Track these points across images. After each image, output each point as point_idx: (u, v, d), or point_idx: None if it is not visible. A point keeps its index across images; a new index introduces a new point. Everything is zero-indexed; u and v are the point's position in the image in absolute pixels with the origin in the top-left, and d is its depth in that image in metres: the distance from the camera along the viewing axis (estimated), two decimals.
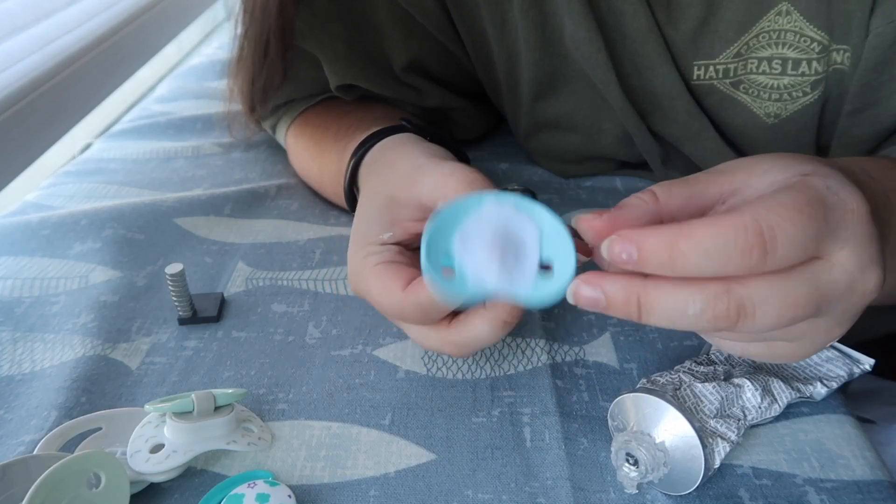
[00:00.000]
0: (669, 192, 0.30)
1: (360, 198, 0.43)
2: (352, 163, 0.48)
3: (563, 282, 0.29)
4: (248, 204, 0.59)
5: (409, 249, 0.39)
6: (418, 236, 0.36)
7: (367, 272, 0.37)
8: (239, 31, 0.56)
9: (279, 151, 0.68)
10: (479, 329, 0.35)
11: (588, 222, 0.29)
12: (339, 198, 0.51)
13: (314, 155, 0.56)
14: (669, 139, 0.55)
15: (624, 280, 0.27)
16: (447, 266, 0.31)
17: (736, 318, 0.26)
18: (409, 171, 0.39)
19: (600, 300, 0.28)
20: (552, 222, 0.30)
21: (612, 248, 0.27)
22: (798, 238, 0.26)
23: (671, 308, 0.27)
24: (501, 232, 0.30)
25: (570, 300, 0.29)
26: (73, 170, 0.66)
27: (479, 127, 0.67)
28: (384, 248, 0.38)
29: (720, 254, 0.26)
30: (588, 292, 0.28)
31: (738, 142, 0.53)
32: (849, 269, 0.27)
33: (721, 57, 0.49)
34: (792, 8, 0.46)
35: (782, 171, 0.29)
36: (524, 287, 0.30)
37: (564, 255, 0.30)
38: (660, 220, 0.30)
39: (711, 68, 0.50)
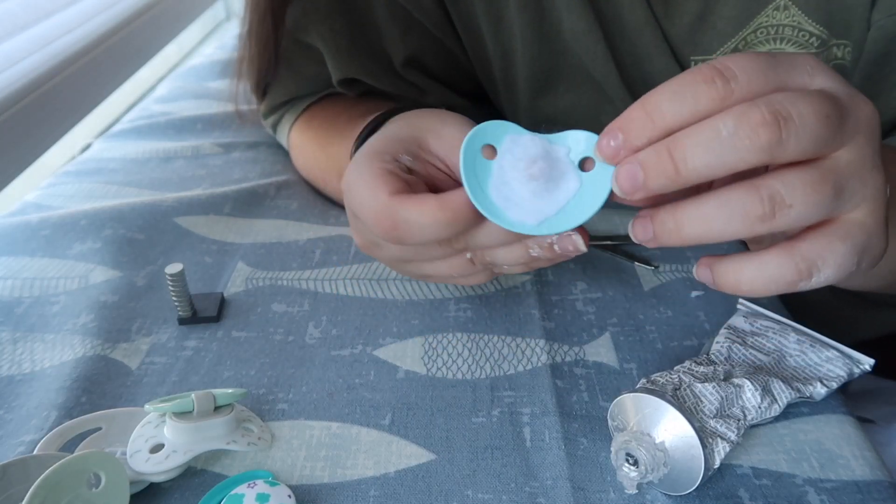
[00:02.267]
0: None
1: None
2: (369, 128, 0.46)
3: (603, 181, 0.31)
4: (248, 203, 0.59)
5: (421, 185, 0.37)
6: (433, 181, 0.36)
7: (367, 168, 0.35)
8: (244, 29, 0.57)
9: (279, 151, 0.68)
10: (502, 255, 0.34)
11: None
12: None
13: (323, 144, 0.56)
14: None
15: (651, 144, 0.28)
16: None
17: (778, 126, 0.26)
18: (450, 124, 0.37)
19: (636, 171, 0.28)
20: (601, 189, 0.31)
21: (600, 145, 0.29)
22: (750, 64, 0.27)
23: (704, 139, 0.27)
24: (550, 164, 0.32)
25: (615, 190, 0.30)
26: (73, 170, 0.66)
27: None
28: (395, 161, 0.36)
29: (680, 94, 0.27)
30: (624, 170, 0.28)
31: None
32: (835, 88, 0.28)
33: (719, 52, 0.49)
34: (790, 3, 0.46)
35: None
36: (528, 216, 0.32)
37: (579, 214, 0.31)
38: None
39: None
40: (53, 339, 0.45)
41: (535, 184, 0.31)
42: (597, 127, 0.35)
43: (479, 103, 0.63)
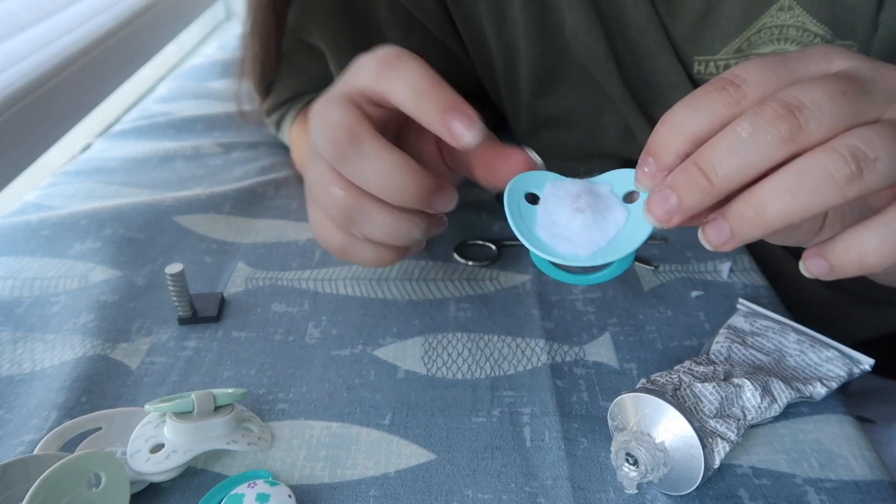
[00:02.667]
0: None
1: None
2: None
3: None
4: (248, 203, 0.59)
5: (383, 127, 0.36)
6: (424, 158, 0.36)
7: (341, 98, 0.34)
8: (246, 29, 0.57)
9: (279, 151, 0.68)
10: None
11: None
12: None
13: None
14: None
15: (679, 158, 0.28)
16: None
17: (792, 115, 0.26)
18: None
19: (668, 196, 0.28)
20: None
21: (638, 177, 0.30)
22: (757, 66, 0.28)
23: (727, 144, 0.26)
24: (595, 198, 0.33)
25: (649, 220, 0.30)
26: (73, 170, 0.66)
27: None
28: (370, 106, 0.35)
29: (696, 108, 0.28)
30: (654, 198, 0.29)
31: None
32: (853, 65, 0.28)
33: (722, 52, 0.49)
34: (794, 3, 0.46)
35: None
36: (579, 248, 0.32)
37: (630, 243, 0.32)
38: None
39: (712, 64, 0.50)
40: (53, 339, 0.45)
41: (583, 216, 0.32)
42: (597, 126, 0.35)
43: (480, 103, 0.63)
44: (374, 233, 0.36)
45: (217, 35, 1.33)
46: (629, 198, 0.32)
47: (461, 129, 0.32)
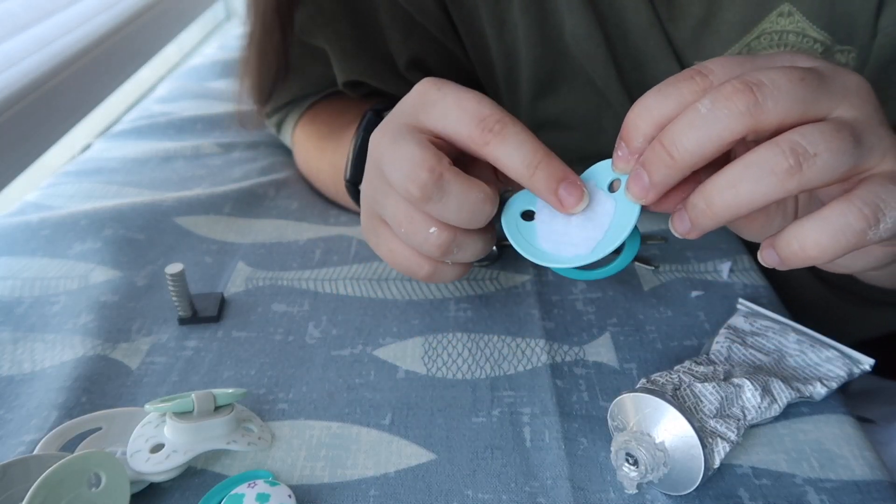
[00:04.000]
0: None
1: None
2: (364, 120, 0.46)
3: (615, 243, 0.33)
4: (248, 203, 0.59)
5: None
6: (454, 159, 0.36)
7: (411, 132, 0.34)
8: (246, 29, 0.57)
9: (279, 151, 0.68)
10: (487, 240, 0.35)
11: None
12: (340, 191, 0.51)
13: (323, 140, 0.56)
14: None
15: (648, 142, 0.30)
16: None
17: (750, 91, 0.27)
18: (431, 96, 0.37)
19: (640, 173, 0.30)
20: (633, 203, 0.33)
21: (614, 162, 0.32)
22: (723, 60, 0.29)
23: (687, 121, 0.28)
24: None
25: (628, 197, 0.32)
26: (73, 170, 0.66)
27: None
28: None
29: (663, 96, 0.29)
30: (633, 177, 0.30)
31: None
32: (813, 65, 0.29)
33: None
34: (794, 9, 0.46)
35: None
36: (580, 247, 0.34)
37: (622, 229, 0.33)
38: None
39: None
40: (54, 339, 0.45)
41: (577, 218, 0.34)
42: (597, 129, 0.36)
43: None
44: (467, 257, 0.37)
45: (217, 35, 1.33)
46: (613, 187, 0.34)
47: (572, 200, 0.33)
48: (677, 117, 0.29)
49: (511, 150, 0.33)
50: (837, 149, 0.27)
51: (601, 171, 0.34)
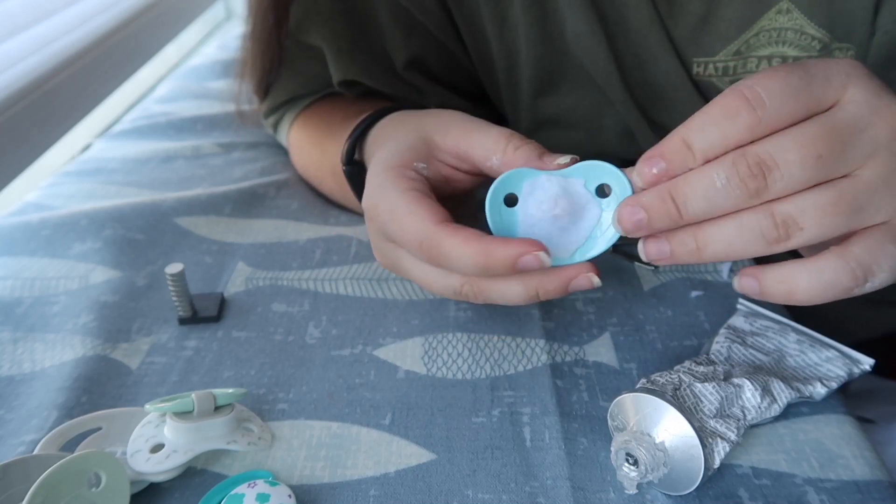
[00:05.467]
0: None
1: (387, 136, 0.42)
2: (362, 126, 0.46)
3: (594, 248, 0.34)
4: (248, 204, 0.59)
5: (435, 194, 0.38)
6: (447, 181, 0.37)
7: (399, 192, 0.36)
8: (247, 26, 0.57)
9: (279, 151, 0.68)
10: (512, 288, 0.35)
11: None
12: (339, 185, 0.51)
13: (318, 142, 0.56)
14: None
15: (653, 188, 0.31)
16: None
17: (763, 176, 0.29)
18: (453, 121, 0.39)
19: (640, 215, 0.31)
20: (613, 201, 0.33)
21: (642, 171, 0.31)
22: (780, 87, 0.29)
23: (702, 188, 0.29)
24: (570, 200, 0.34)
25: (616, 229, 0.32)
26: (73, 170, 0.66)
27: None
28: (417, 176, 0.37)
29: (713, 126, 0.29)
30: (627, 212, 0.31)
31: None
32: (859, 101, 0.29)
33: (721, 54, 0.49)
34: (793, 6, 0.46)
35: None
36: (560, 250, 0.34)
37: (605, 240, 0.34)
38: None
39: (711, 65, 0.50)
40: (54, 339, 0.45)
41: (561, 221, 0.34)
42: (597, 128, 0.36)
43: (479, 105, 0.63)
44: (500, 300, 0.37)
45: (217, 35, 1.33)
46: (601, 190, 0.34)
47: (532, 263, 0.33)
48: (693, 177, 0.30)
49: (453, 261, 0.34)
50: (828, 223, 0.29)
51: (594, 172, 0.34)
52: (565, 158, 0.34)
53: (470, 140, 0.37)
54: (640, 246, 0.32)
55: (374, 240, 0.40)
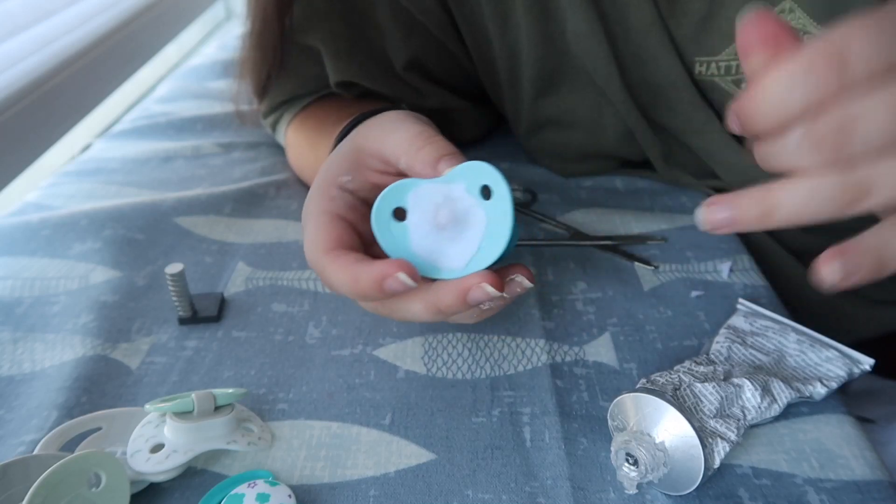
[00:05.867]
0: None
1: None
2: (345, 128, 0.46)
3: (479, 262, 0.32)
4: (248, 204, 0.59)
5: (365, 205, 0.37)
6: (377, 188, 0.36)
7: (313, 214, 0.36)
8: (246, 24, 0.57)
9: (279, 151, 0.68)
10: (414, 306, 0.34)
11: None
12: None
13: (313, 143, 0.56)
14: (674, 132, 0.55)
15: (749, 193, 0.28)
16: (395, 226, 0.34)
17: (843, 138, 0.26)
18: (383, 125, 0.38)
19: (728, 213, 0.28)
20: (504, 215, 0.32)
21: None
22: (871, 45, 0.26)
23: (797, 200, 0.27)
24: (452, 208, 0.33)
25: (702, 223, 0.28)
26: (73, 170, 0.66)
27: (480, 128, 0.67)
28: (340, 193, 0.37)
29: (801, 82, 0.26)
30: (718, 210, 0.28)
31: (742, 138, 0.53)
32: None
33: (723, 54, 0.49)
34: (796, 6, 0.46)
35: None
36: (453, 261, 0.33)
37: (495, 245, 0.32)
38: None
39: (713, 65, 0.50)
40: (54, 339, 0.45)
41: (447, 232, 0.33)
42: (597, 128, 0.34)
43: (479, 105, 0.63)
44: (412, 319, 0.37)
45: (217, 35, 1.33)
46: (485, 191, 0.32)
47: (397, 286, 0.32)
48: (790, 187, 0.27)
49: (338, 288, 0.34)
50: (888, 119, 0.25)
51: (474, 174, 0.32)
52: (450, 163, 0.33)
53: (386, 141, 0.37)
54: (698, 211, 0.29)
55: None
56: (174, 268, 0.44)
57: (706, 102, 0.52)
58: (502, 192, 0.31)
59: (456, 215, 0.33)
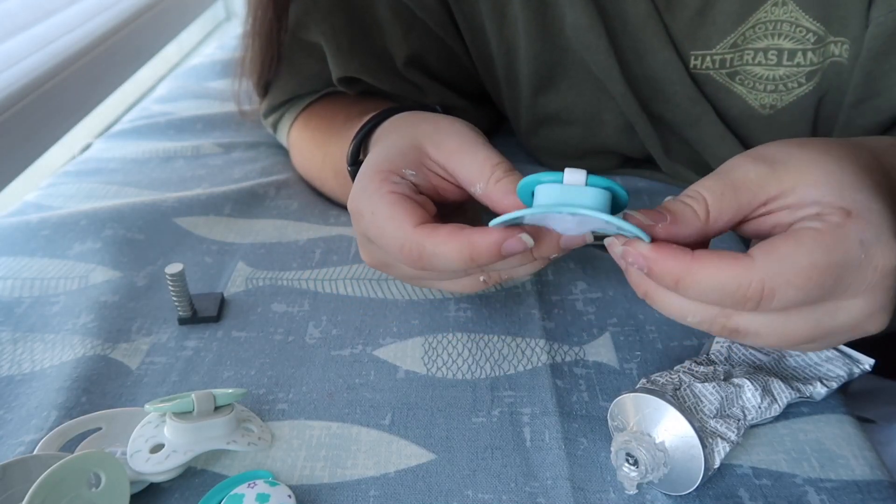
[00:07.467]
0: (720, 209, 0.31)
1: (382, 139, 0.42)
2: (367, 126, 0.46)
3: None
4: (248, 204, 0.59)
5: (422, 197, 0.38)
6: (437, 192, 0.37)
7: (381, 195, 0.36)
8: (246, 28, 0.57)
9: (279, 151, 0.68)
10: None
11: (636, 220, 0.31)
12: (342, 186, 0.51)
13: (320, 143, 0.56)
14: (671, 125, 0.55)
15: (637, 275, 0.32)
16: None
17: (731, 337, 0.31)
18: (449, 134, 0.38)
19: (629, 255, 0.30)
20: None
21: (626, 255, 0.30)
22: (797, 299, 0.28)
23: (674, 311, 0.31)
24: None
25: (616, 255, 0.31)
26: (73, 170, 0.66)
27: (480, 127, 0.67)
28: (402, 181, 0.37)
29: (718, 296, 0.29)
30: (632, 254, 0.30)
31: (736, 131, 0.53)
32: (854, 315, 0.29)
33: (718, 47, 0.50)
34: None
35: (829, 195, 0.29)
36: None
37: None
38: (706, 236, 0.32)
39: (708, 58, 0.50)
40: (53, 339, 0.45)
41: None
42: (597, 123, 0.34)
43: (479, 104, 0.63)
44: (451, 288, 0.39)
45: (217, 35, 1.33)
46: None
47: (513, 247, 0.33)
48: (695, 289, 0.29)
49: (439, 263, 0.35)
50: (776, 343, 0.31)
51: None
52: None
53: (458, 161, 0.37)
54: (614, 248, 0.31)
55: (359, 240, 0.40)
56: (174, 268, 0.44)
57: (702, 95, 0.52)
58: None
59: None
